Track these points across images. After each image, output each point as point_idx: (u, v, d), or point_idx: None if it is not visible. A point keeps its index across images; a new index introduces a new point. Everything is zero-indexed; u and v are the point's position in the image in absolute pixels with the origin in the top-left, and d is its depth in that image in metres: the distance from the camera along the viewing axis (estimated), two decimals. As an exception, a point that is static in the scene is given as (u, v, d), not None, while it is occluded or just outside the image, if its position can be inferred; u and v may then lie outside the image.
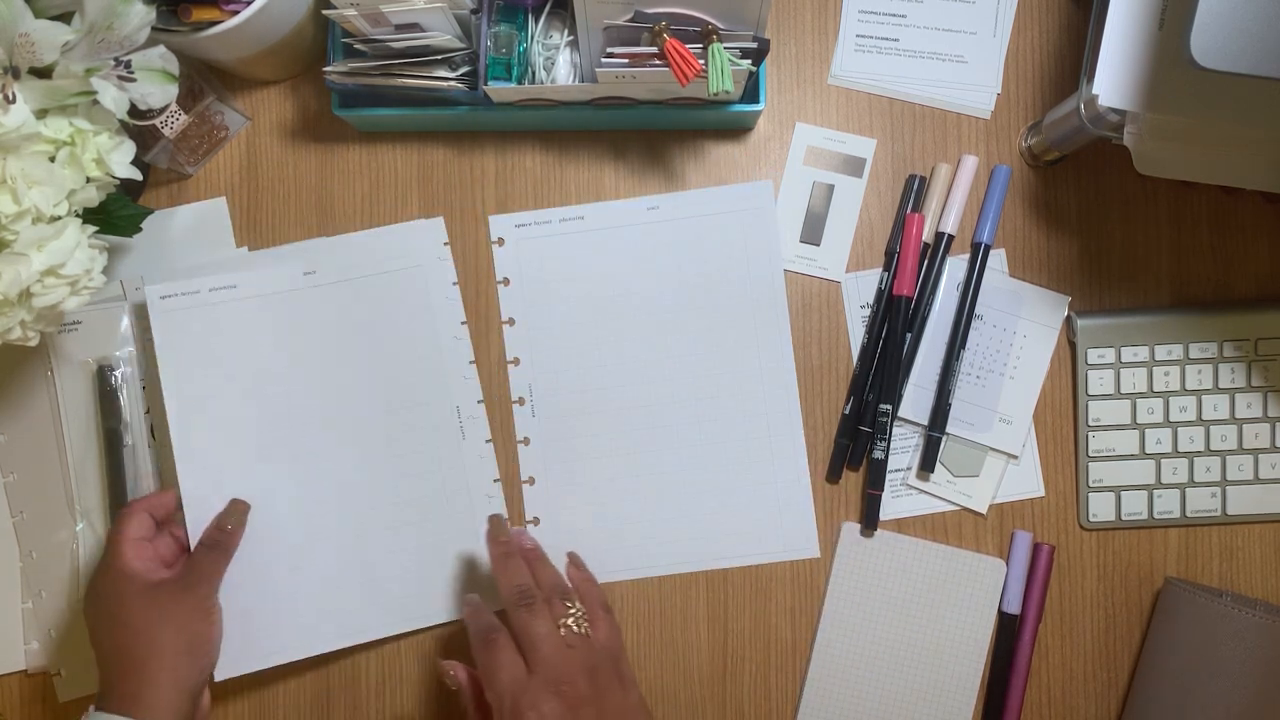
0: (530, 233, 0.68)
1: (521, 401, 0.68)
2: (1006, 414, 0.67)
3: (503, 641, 0.55)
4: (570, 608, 0.57)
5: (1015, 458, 0.67)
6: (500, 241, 0.69)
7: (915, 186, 0.68)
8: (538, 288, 0.68)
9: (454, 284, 0.68)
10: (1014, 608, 0.66)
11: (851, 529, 0.67)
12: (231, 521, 0.63)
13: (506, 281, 0.68)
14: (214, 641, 0.61)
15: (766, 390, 0.68)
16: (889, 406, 0.66)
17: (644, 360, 0.68)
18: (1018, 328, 0.67)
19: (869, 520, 0.66)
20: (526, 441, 0.68)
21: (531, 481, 0.68)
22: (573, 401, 0.68)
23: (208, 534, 0.63)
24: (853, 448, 0.67)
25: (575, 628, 0.55)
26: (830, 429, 0.68)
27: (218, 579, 0.62)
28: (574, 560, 0.65)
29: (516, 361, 0.68)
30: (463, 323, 0.68)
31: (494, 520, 0.62)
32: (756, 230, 0.68)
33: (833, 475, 0.68)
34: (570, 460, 0.68)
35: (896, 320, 0.66)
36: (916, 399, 0.67)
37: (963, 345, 0.66)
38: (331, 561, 0.66)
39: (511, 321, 0.68)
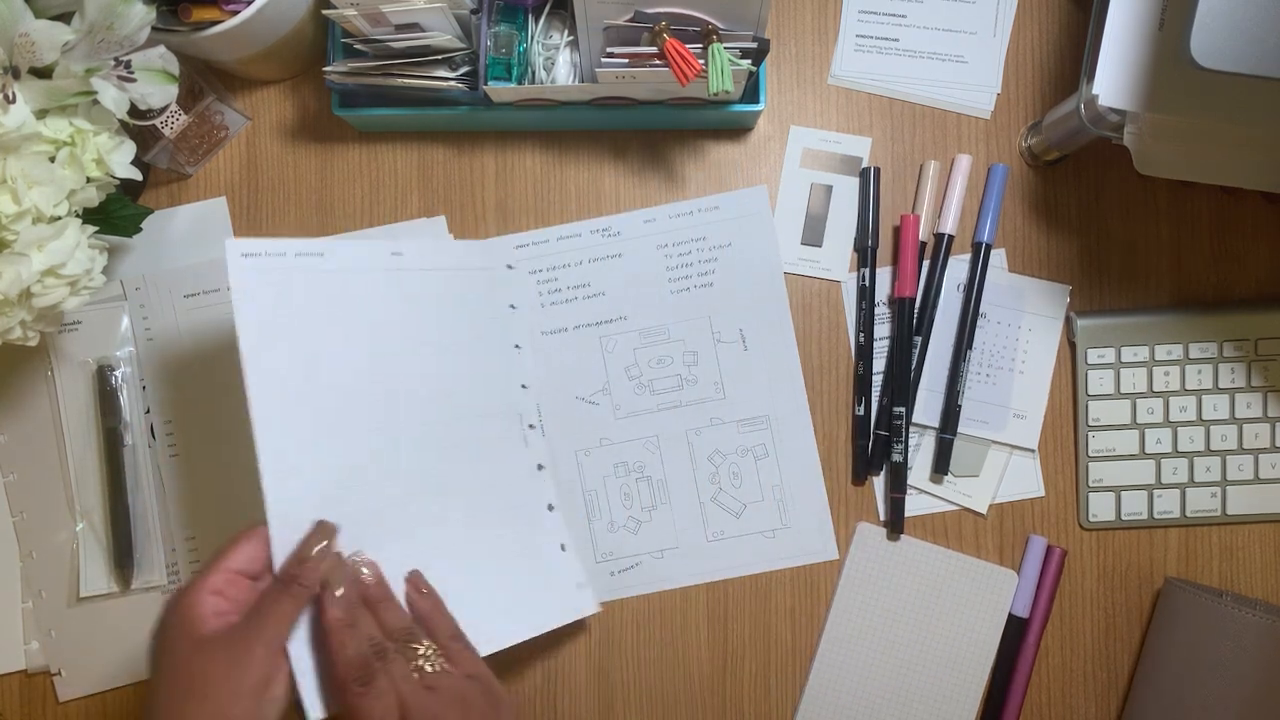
0: (528, 253, 0.68)
1: (531, 426, 0.68)
2: (1020, 409, 0.67)
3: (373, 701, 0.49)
4: (418, 649, 0.51)
5: (1033, 451, 0.67)
6: (508, 266, 0.68)
7: (873, 179, 0.67)
8: (539, 309, 0.68)
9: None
10: (1022, 611, 0.66)
11: (866, 530, 0.67)
12: (314, 552, 0.51)
13: (512, 307, 0.68)
14: None
15: (773, 393, 0.67)
16: (902, 409, 0.66)
17: (650, 373, 0.68)
18: (1022, 322, 0.67)
19: (895, 525, 0.66)
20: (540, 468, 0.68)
21: (550, 509, 0.67)
22: (583, 421, 0.67)
23: (284, 569, 0.50)
24: (867, 451, 0.67)
25: (430, 668, 0.51)
26: (832, 429, 0.68)
27: (283, 631, 0.49)
28: (414, 582, 0.56)
29: (524, 386, 0.68)
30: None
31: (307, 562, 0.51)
32: (754, 235, 0.68)
33: (857, 478, 0.68)
34: (583, 480, 0.67)
35: (904, 322, 0.66)
36: (925, 401, 0.67)
37: (969, 345, 0.66)
38: (387, 561, 0.56)
39: (516, 347, 0.68)
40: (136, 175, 0.58)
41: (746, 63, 0.57)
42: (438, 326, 0.62)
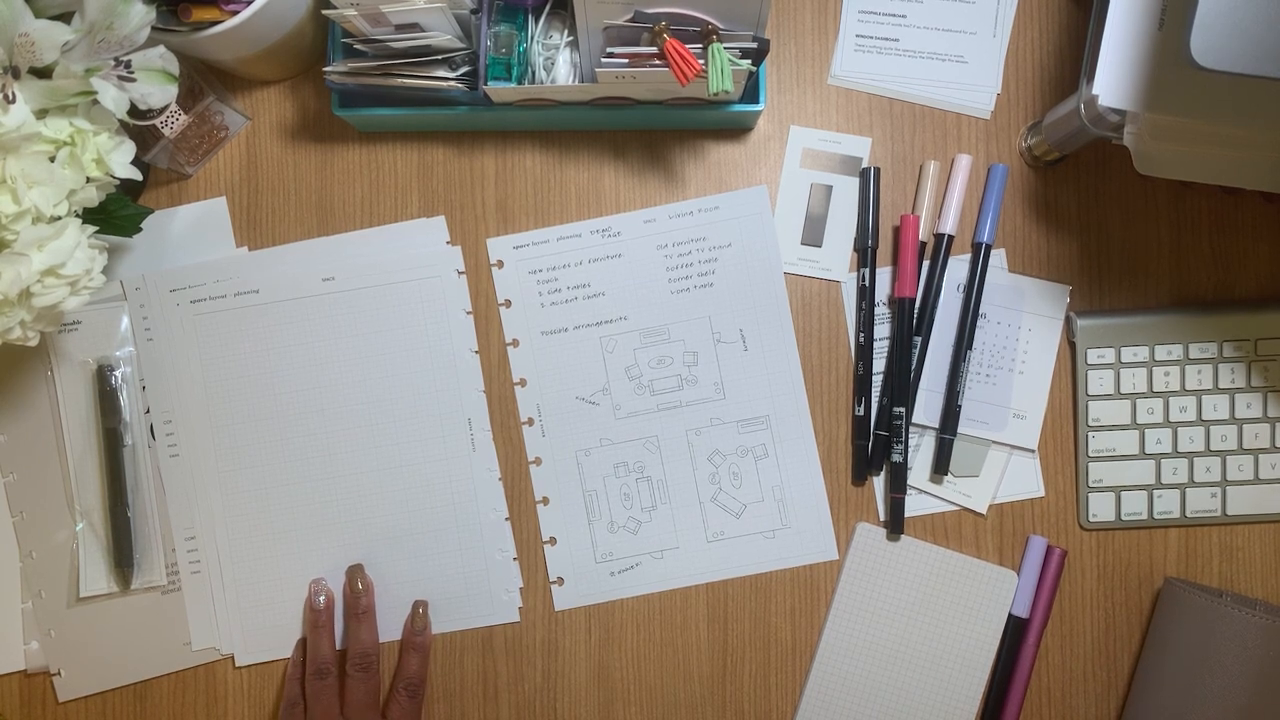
0: (528, 253, 0.68)
1: (531, 422, 0.68)
2: (1020, 409, 0.67)
3: None
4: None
5: (1032, 451, 0.67)
6: (500, 264, 0.68)
7: (873, 179, 0.67)
8: (539, 309, 0.68)
9: (468, 301, 0.68)
10: (1022, 611, 0.66)
11: (866, 530, 0.67)
12: (420, 623, 0.66)
13: (508, 303, 0.68)
14: None
15: (773, 394, 0.67)
16: (902, 409, 0.66)
17: (650, 373, 0.68)
18: (1022, 322, 0.67)
19: (895, 525, 0.66)
20: (538, 462, 0.68)
21: (546, 502, 0.68)
22: (583, 421, 0.68)
23: (407, 682, 0.64)
24: (867, 451, 0.67)
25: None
26: (832, 429, 0.68)
27: None
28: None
29: (523, 382, 0.68)
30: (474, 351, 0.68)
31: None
32: (754, 235, 0.68)
33: (857, 478, 0.68)
34: (583, 480, 0.68)
35: (903, 322, 0.66)
36: (926, 401, 0.67)
37: (969, 345, 0.66)
38: (341, 564, 0.67)
39: (515, 343, 0.68)
40: (136, 175, 0.58)
41: (746, 63, 0.57)
42: (371, 341, 0.67)
